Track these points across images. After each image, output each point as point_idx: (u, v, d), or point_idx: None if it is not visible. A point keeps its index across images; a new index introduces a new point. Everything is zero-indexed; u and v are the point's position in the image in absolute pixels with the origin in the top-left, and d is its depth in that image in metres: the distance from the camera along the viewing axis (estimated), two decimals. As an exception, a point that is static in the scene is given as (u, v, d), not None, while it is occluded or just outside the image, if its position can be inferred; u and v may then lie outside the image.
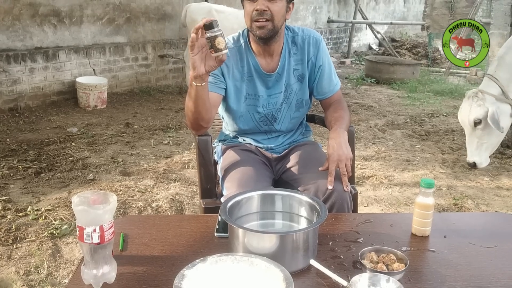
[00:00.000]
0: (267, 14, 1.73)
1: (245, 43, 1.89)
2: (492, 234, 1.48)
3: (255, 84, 1.89)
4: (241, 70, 1.88)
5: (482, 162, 3.75)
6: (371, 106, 6.16)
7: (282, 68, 1.89)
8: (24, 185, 3.42)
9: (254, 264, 1.14)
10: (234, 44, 1.88)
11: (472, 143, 3.73)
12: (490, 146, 3.74)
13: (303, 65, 1.92)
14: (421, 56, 9.75)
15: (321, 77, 1.95)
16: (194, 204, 3.17)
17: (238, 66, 1.88)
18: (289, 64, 1.90)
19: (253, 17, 1.75)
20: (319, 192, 1.70)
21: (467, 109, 3.66)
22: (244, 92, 1.90)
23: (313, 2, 9.51)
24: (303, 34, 1.92)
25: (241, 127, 1.99)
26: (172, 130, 4.83)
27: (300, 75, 1.93)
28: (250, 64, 1.88)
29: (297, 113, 1.98)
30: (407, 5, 13.27)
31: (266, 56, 1.88)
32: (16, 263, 2.45)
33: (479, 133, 3.66)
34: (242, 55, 1.88)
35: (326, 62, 1.95)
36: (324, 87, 1.97)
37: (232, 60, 1.86)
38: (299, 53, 1.91)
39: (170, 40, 6.86)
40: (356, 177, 3.47)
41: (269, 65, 1.89)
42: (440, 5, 12.04)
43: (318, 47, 1.92)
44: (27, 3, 5.28)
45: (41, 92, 5.52)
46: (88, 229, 1.12)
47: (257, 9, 1.73)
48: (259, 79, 1.89)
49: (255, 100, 1.91)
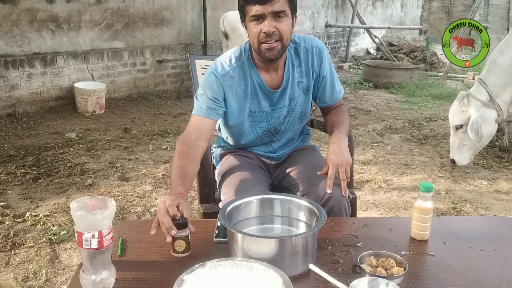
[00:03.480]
0: (275, 35, 1.65)
1: (248, 59, 1.79)
2: (491, 238, 1.48)
3: (259, 101, 1.82)
4: (244, 89, 1.80)
5: (461, 161, 3.87)
6: (369, 111, 6.17)
7: (286, 83, 1.82)
8: (22, 190, 3.41)
9: (253, 269, 1.14)
10: (236, 62, 1.78)
11: (454, 143, 3.87)
12: (472, 148, 3.82)
13: (308, 77, 1.86)
14: (418, 60, 9.76)
15: (324, 87, 1.90)
16: (192, 209, 3.16)
17: (242, 84, 1.79)
18: (293, 77, 1.83)
19: (261, 39, 1.66)
20: (317, 197, 1.70)
21: (452, 112, 3.77)
22: (247, 110, 1.83)
23: (311, 7, 9.54)
24: (305, 44, 1.85)
25: (242, 142, 1.94)
26: (171, 135, 4.83)
27: (305, 87, 1.87)
28: (254, 81, 1.80)
29: (300, 124, 1.95)
30: (404, 10, 13.31)
31: (271, 71, 1.81)
32: (14, 269, 2.44)
33: (461, 136, 3.75)
34: (245, 72, 1.79)
35: (329, 72, 1.89)
36: (327, 96, 1.94)
37: (236, 79, 1.78)
38: (303, 64, 1.84)
39: (168, 45, 6.87)
40: (354, 182, 3.47)
41: (274, 81, 1.82)
42: (438, 10, 12.10)
43: (321, 57, 1.86)
44: (25, 8, 5.28)
45: (39, 97, 5.52)
46: (87, 235, 1.12)
47: (266, 31, 1.64)
48: (264, 96, 1.82)
49: (259, 117, 1.85)
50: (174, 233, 1.31)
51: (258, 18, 1.65)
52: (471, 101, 3.65)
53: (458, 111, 3.69)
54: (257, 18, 1.65)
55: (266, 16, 1.63)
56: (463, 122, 3.65)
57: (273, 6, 1.62)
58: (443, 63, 9.43)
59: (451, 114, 3.81)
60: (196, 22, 7.14)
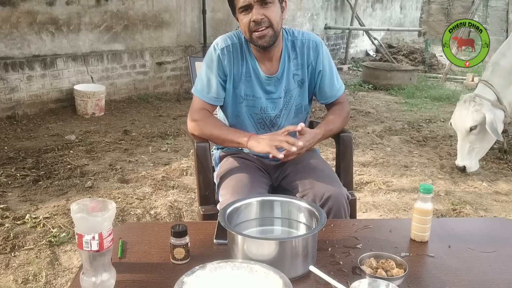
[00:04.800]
0: (265, 22, 1.71)
1: (246, 42, 1.86)
2: (491, 239, 1.48)
3: (253, 86, 1.87)
4: (240, 70, 1.86)
5: (472, 166, 3.77)
6: (369, 112, 6.18)
7: (281, 73, 1.87)
8: (22, 193, 3.41)
9: (254, 271, 1.14)
10: (231, 41, 1.85)
11: (464, 148, 3.75)
12: (481, 150, 3.77)
13: (303, 70, 1.90)
14: (418, 62, 9.77)
15: (322, 82, 1.93)
16: (192, 211, 3.16)
17: (238, 64, 1.85)
18: (288, 69, 1.88)
19: (251, 28, 1.73)
20: (316, 197, 1.71)
21: (464, 113, 3.66)
22: (242, 93, 1.88)
23: (310, 9, 9.55)
24: (302, 38, 1.89)
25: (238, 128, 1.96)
26: (170, 137, 4.83)
27: (300, 80, 1.91)
28: (250, 66, 1.86)
29: (296, 118, 1.96)
30: (403, 12, 13.33)
31: (266, 61, 1.86)
32: (14, 272, 2.44)
33: (473, 138, 3.68)
34: (243, 54, 1.86)
35: (327, 67, 1.92)
36: (327, 92, 1.96)
37: (233, 56, 1.84)
38: (299, 57, 1.88)
39: (168, 48, 6.88)
40: (354, 183, 3.47)
41: (269, 70, 1.87)
42: (437, 12, 12.12)
43: (318, 51, 1.89)
44: (25, 11, 5.29)
45: (39, 100, 5.52)
46: (87, 237, 1.12)
47: (254, 20, 1.70)
48: (258, 81, 1.87)
49: (253, 102, 1.89)
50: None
51: (246, 8, 1.72)
52: (483, 100, 3.61)
53: (471, 112, 3.59)
54: (245, 8, 1.73)
55: (253, 5, 1.70)
56: (478, 122, 3.57)
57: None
58: (442, 65, 9.44)
59: (461, 117, 3.66)
60: (196, 24, 7.15)
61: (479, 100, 3.61)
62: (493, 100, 3.65)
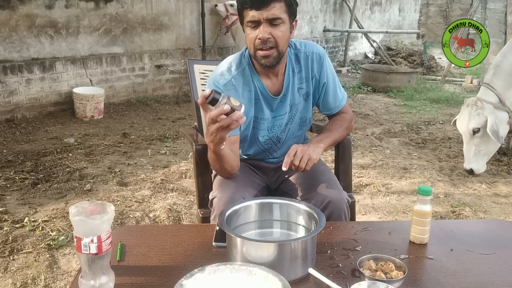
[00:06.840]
0: (270, 42, 1.64)
1: (248, 64, 1.79)
2: (490, 241, 1.48)
3: (262, 107, 1.82)
4: (249, 94, 1.80)
5: (479, 168, 3.81)
6: (368, 115, 6.18)
7: (286, 89, 1.82)
8: (20, 196, 3.40)
9: (253, 273, 1.14)
10: (237, 70, 1.78)
11: (470, 151, 3.78)
12: (487, 153, 3.78)
13: (308, 83, 1.86)
14: (416, 64, 9.79)
15: (326, 94, 1.90)
16: (191, 214, 3.16)
17: (245, 90, 1.79)
18: (293, 84, 1.83)
19: (256, 45, 1.66)
20: (316, 201, 1.71)
21: (466, 117, 3.71)
22: (252, 116, 1.83)
23: (309, 12, 9.57)
24: (306, 50, 1.84)
25: (242, 151, 1.93)
26: (169, 140, 4.83)
27: (305, 93, 1.87)
28: (257, 87, 1.80)
29: (300, 131, 1.95)
30: (402, 14, 13.36)
31: (271, 76, 1.80)
32: (13, 275, 2.43)
33: (477, 141, 3.70)
34: (247, 78, 1.79)
35: (330, 78, 1.89)
36: (330, 104, 1.94)
37: (238, 86, 1.78)
38: (303, 70, 1.84)
39: (167, 50, 6.88)
40: (353, 186, 3.47)
41: (275, 86, 1.81)
42: (435, 14, 12.12)
43: (322, 63, 1.85)
44: (24, 14, 5.29)
45: (38, 103, 5.52)
46: (86, 240, 1.12)
47: (260, 38, 1.64)
48: (265, 102, 1.82)
49: (261, 124, 1.85)
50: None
51: (254, 23, 1.65)
52: (484, 103, 3.64)
53: (473, 115, 3.64)
54: (253, 23, 1.65)
55: (261, 22, 1.63)
56: (480, 125, 3.62)
57: (268, 12, 1.61)
58: (441, 67, 9.46)
59: (463, 121, 3.72)
60: (195, 27, 7.15)
61: (481, 104, 3.64)
62: (495, 103, 3.68)
